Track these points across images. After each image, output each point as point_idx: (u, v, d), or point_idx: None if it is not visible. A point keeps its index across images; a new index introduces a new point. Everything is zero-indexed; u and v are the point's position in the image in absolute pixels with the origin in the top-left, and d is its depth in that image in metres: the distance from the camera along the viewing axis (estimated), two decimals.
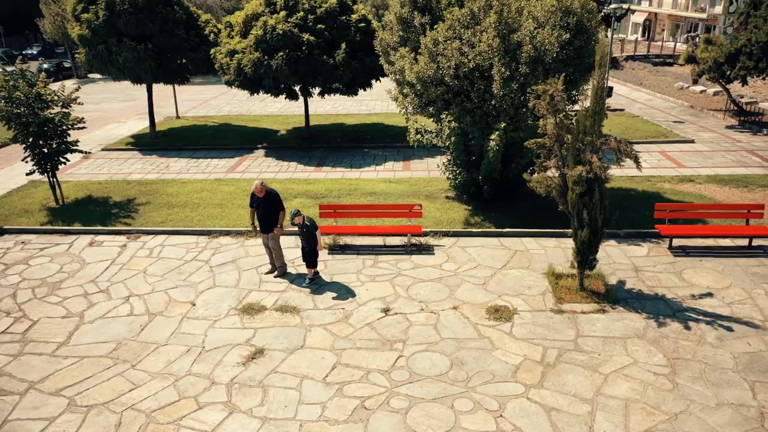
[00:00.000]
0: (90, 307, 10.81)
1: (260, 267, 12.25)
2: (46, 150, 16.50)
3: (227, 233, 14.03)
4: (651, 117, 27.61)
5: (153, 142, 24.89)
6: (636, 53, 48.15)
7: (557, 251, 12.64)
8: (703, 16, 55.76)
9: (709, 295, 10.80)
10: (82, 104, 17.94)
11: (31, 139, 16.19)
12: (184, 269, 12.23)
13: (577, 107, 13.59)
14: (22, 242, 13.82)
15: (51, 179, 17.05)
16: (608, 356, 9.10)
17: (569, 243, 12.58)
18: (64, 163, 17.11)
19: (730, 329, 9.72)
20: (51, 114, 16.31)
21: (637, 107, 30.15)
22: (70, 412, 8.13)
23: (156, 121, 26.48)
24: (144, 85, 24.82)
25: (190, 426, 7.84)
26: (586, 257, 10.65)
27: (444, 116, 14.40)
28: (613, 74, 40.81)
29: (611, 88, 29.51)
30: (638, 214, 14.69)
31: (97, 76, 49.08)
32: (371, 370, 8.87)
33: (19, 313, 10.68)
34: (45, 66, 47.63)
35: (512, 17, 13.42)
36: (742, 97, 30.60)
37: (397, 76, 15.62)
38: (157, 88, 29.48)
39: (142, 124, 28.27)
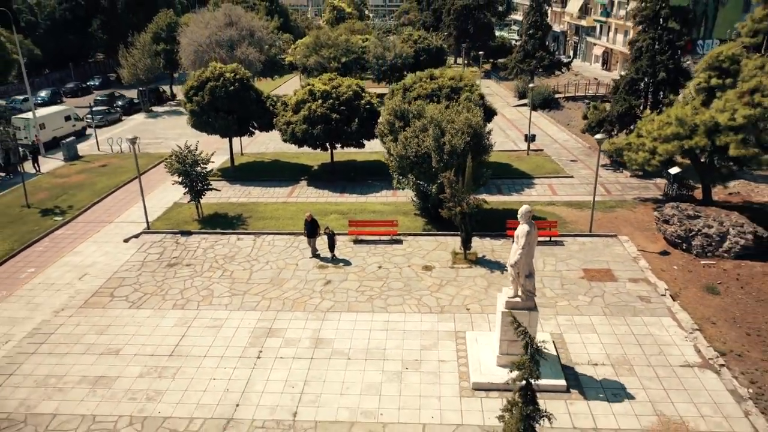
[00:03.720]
0: (253, 266, 25.03)
1: (319, 252, 26.40)
2: (197, 188, 30.57)
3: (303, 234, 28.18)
4: (558, 156, 41.66)
5: (232, 174, 39.00)
6: (576, 94, 62.19)
7: (459, 243, 26.72)
8: None
9: None
10: (213, 162, 32.11)
11: (189, 183, 30.28)
12: (287, 251, 26.45)
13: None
14: (204, 238, 28.05)
15: (197, 203, 31.14)
16: (465, 282, 23.27)
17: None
18: (204, 195, 31.19)
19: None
20: (199, 168, 30.35)
21: (554, 147, 44.17)
22: (264, 300, 22.33)
23: (224, 157, 40.63)
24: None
25: (310, 303, 22.03)
26: (466, 245, 24.86)
27: (410, 174, 28.55)
28: (552, 115, 54.92)
29: (534, 135, 43.41)
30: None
31: (160, 109, 63.40)
32: (373, 287, 23.07)
33: (222, 268, 24.89)
34: (120, 103, 61.56)
35: (442, 128, 27.45)
36: None
37: (387, 149, 29.75)
38: None
39: (219, 159, 42.22)
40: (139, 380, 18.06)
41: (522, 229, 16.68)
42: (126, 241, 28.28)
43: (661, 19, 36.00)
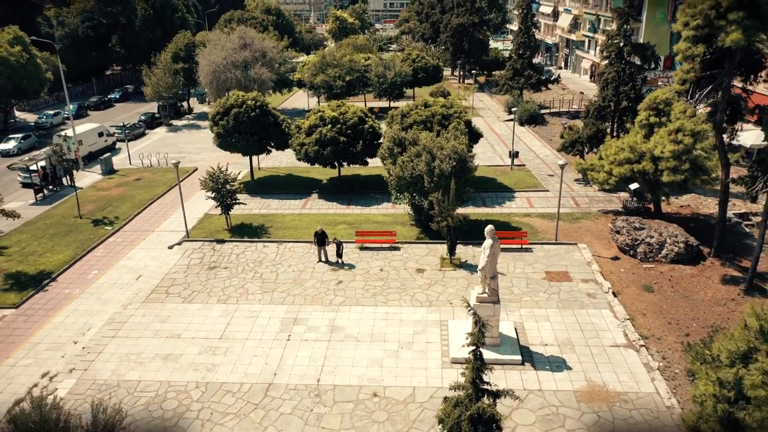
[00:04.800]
0: (278, 269, 30.75)
1: (326, 258, 32.06)
2: (227, 203, 36.25)
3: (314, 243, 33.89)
4: (538, 171, 47.28)
5: (253, 187, 44.69)
6: (561, 109, 67.83)
7: (446, 250, 32.37)
8: None
9: None
10: (240, 180, 37.81)
11: (220, 198, 35.98)
12: (305, 256, 32.17)
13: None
14: (235, 245, 33.78)
15: (227, 215, 36.85)
16: (450, 282, 28.97)
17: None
18: (232, 208, 36.85)
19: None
20: (229, 186, 36.05)
21: (535, 162, 49.79)
22: (289, 296, 28.05)
23: (245, 171, 46.33)
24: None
25: (326, 299, 27.74)
26: (451, 251, 30.56)
27: (406, 192, 34.25)
28: (537, 130, 60.50)
29: (518, 152, 48.99)
30: None
31: (180, 123, 69.07)
32: (377, 286, 28.80)
33: (253, 271, 30.62)
34: (143, 117, 67.21)
35: (432, 154, 33.10)
36: None
37: (387, 170, 35.46)
38: None
39: (240, 174, 47.88)
40: (198, 356, 23.78)
41: (487, 242, 22.36)
42: (170, 248, 33.99)
43: (624, 55, 41.63)
